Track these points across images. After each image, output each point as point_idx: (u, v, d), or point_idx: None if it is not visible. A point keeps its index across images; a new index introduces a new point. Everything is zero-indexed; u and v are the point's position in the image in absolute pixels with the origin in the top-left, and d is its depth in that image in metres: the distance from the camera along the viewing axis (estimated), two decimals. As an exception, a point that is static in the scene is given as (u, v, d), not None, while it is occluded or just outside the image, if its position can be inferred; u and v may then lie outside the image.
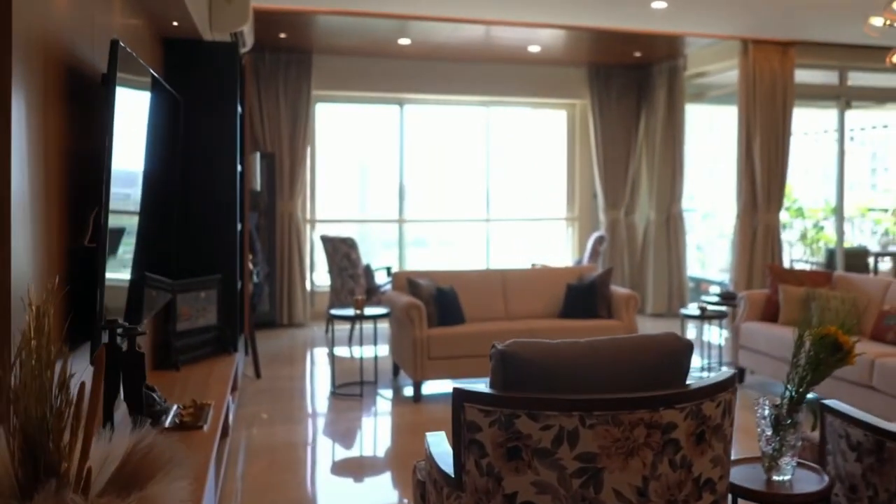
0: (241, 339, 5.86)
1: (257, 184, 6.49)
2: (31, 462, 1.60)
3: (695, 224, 10.68)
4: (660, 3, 6.75)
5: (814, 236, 11.15)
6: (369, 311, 6.16)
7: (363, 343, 6.55)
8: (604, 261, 9.14)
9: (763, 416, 2.86)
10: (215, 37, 5.76)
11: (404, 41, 8.51)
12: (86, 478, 1.65)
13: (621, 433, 2.17)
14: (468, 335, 5.95)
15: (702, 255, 11.27)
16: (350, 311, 6.10)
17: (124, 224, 3.56)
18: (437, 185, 10.37)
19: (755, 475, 2.77)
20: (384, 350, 6.82)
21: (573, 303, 6.46)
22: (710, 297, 7.02)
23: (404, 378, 6.30)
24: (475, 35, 8.22)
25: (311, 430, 5.43)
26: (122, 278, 3.44)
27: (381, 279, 8.34)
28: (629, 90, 9.89)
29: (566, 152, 10.51)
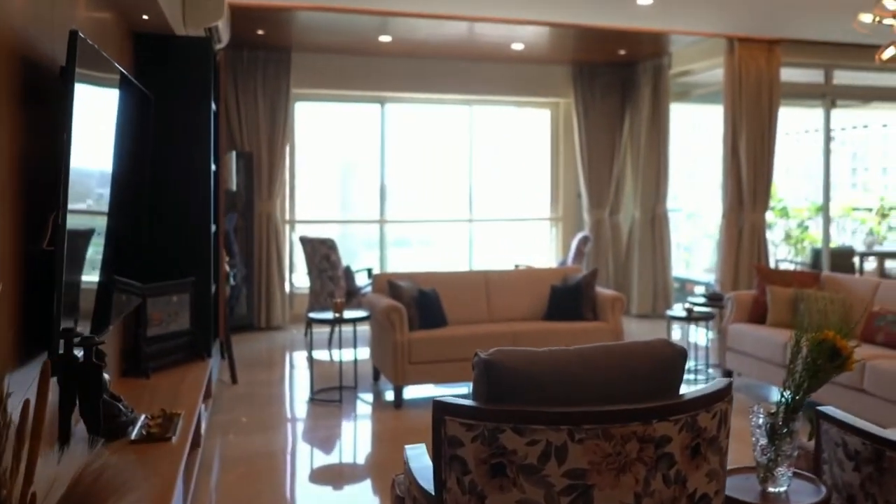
0: (217, 343, 5.69)
1: (233, 183, 6.32)
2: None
3: (679, 224, 10.60)
4: (645, 0, 6.64)
5: (798, 236, 11.11)
6: (349, 314, 6.01)
7: (343, 346, 6.38)
8: (588, 261, 9.02)
9: (758, 424, 2.74)
10: (189, 32, 5.59)
11: (385, 38, 8.36)
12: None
13: (612, 448, 2.05)
14: (450, 339, 5.81)
15: (687, 255, 11.20)
16: (329, 315, 5.94)
17: (91, 225, 3.41)
18: (419, 185, 10.23)
19: (749, 486, 2.66)
20: (365, 353, 6.66)
21: (558, 305, 6.33)
22: (697, 299, 6.92)
23: (385, 382, 6.14)
24: (458, 32, 8.08)
25: (289, 437, 5.27)
26: (89, 281, 3.29)
27: (362, 281, 8.19)
28: (613, 89, 9.78)
29: (550, 151, 10.39)
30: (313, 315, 6.12)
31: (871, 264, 10.09)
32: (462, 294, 6.33)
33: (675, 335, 7.93)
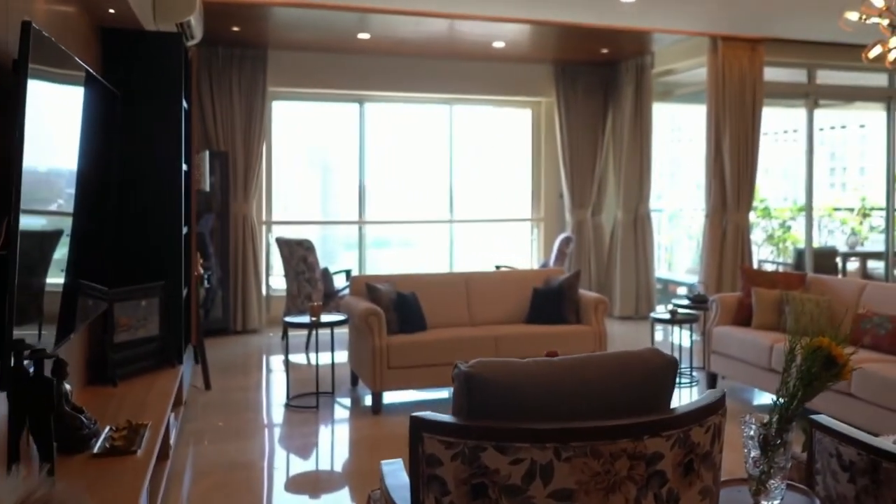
0: (189, 349, 5.52)
1: (206, 184, 6.14)
2: None
3: (661, 224, 10.53)
4: (628, -3, 6.55)
5: (780, 236, 11.06)
6: (326, 317, 5.86)
7: (321, 350, 6.22)
8: (570, 263, 8.91)
9: (750, 435, 2.62)
10: (160, 27, 5.42)
11: (364, 36, 8.21)
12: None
13: (601, 466, 1.93)
14: (430, 343, 5.67)
15: (669, 255, 11.13)
16: (306, 319, 5.78)
17: (54, 227, 3.27)
18: (398, 185, 10.08)
19: (741, 500, 2.56)
20: (343, 356, 6.50)
21: (540, 307, 6.21)
22: (681, 301, 6.82)
23: (363, 388, 5.98)
24: (438, 30, 7.94)
25: (264, 445, 5.10)
26: (53, 285, 3.13)
27: (341, 282, 8.03)
28: (595, 88, 9.68)
29: (531, 151, 10.28)
30: (289, 319, 5.95)
31: (853, 265, 10.06)
32: (442, 297, 6.19)
33: (659, 337, 7.84)
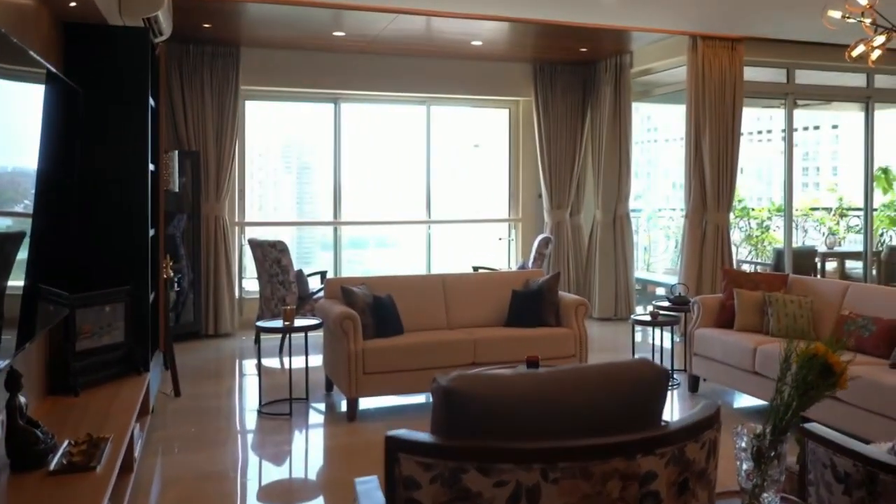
0: (157, 355, 5.33)
1: (176, 184, 5.94)
2: None
3: (639, 225, 10.45)
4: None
5: (759, 236, 11.03)
6: (300, 322, 5.69)
7: (294, 354, 6.05)
8: (549, 264, 8.80)
9: (742, 447, 2.49)
10: (126, 22, 5.22)
11: (339, 34, 8.04)
12: None
13: (591, 488, 1.80)
14: (407, 347, 5.52)
15: (647, 256, 11.06)
16: (279, 323, 5.61)
17: (11, 229, 3.10)
18: (375, 185, 9.91)
19: (734, 515, 2.43)
20: (317, 360, 6.32)
21: (519, 310, 6.08)
22: (662, 302, 6.72)
23: (339, 393, 5.81)
24: (415, 27, 7.79)
25: (235, 454, 4.92)
26: (12, 288, 2.97)
27: (316, 284, 7.86)
28: (574, 87, 9.58)
29: (509, 151, 10.16)
30: (262, 324, 5.77)
31: (831, 265, 10.05)
32: (419, 300, 6.04)
33: (638, 339, 7.73)
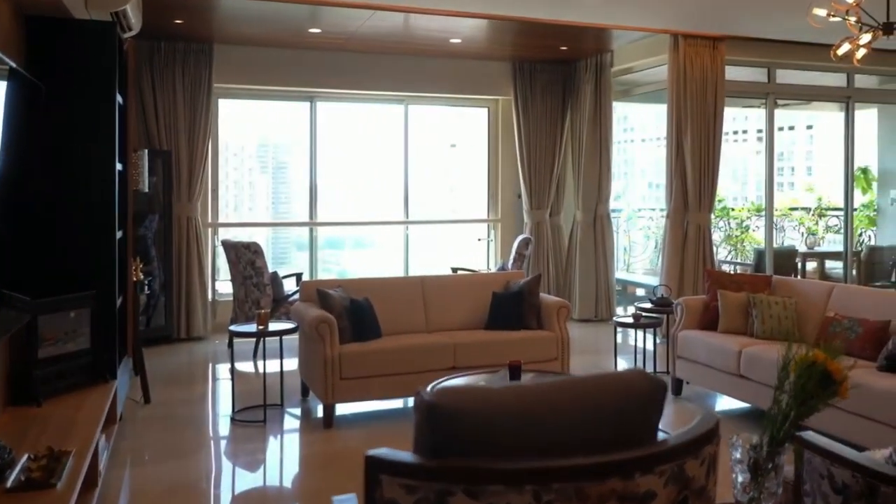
0: (126, 361, 5.14)
1: (145, 184, 5.75)
2: None
3: (619, 225, 10.38)
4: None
5: (738, 237, 11.00)
6: (275, 326, 5.52)
7: (269, 357, 5.87)
8: (529, 265, 8.68)
9: (738, 459, 2.38)
10: (92, 16, 5.02)
11: (315, 30, 7.87)
12: None
13: (587, 511, 1.65)
14: (385, 352, 5.37)
15: (627, 256, 11.00)
16: (253, 327, 5.43)
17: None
18: (352, 185, 9.75)
19: (729, 529, 2.32)
20: (293, 363, 6.15)
21: (500, 312, 5.95)
22: (644, 304, 6.62)
23: (315, 398, 5.64)
24: (392, 24, 7.64)
25: (207, 463, 4.75)
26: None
27: (291, 286, 7.68)
28: (554, 86, 9.47)
29: (488, 151, 10.03)
30: (235, 328, 5.59)
31: (811, 265, 10.02)
32: (397, 302, 5.90)
33: (619, 340, 7.64)
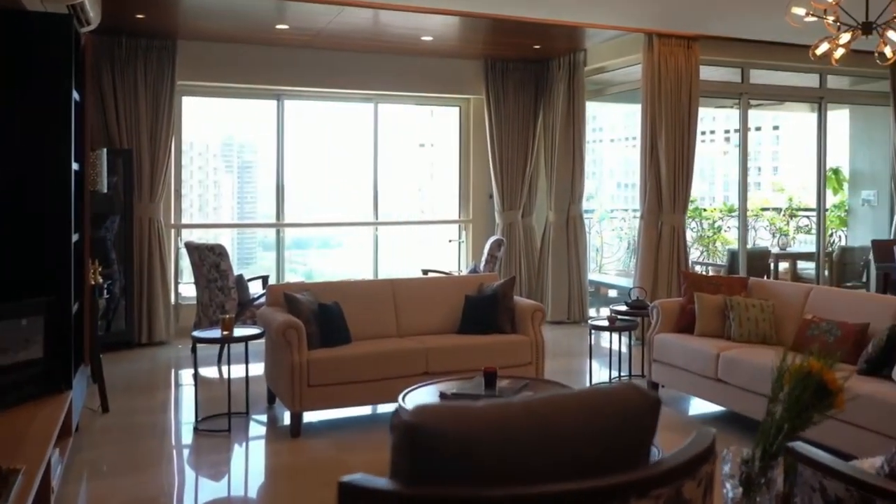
0: (83, 370, 4.91)
1: (104, 184, 5.52)
2: None
3: (591, 225, 10.30)
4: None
5: (711, 237, 10.99)
6: (240, 331, 5.32)
7: (234, 362, 5.67)
8: (501, 266, 8.55)
9: (729, 474, 2.25)
10: (48, 8, 4.79)
11: (282, 27, 7.68)
12: None
13: (580, 541, 1.51)
14: (355, 358, 5.19)
15: (599, 257, 10.94)
16: (217, 333, 5.23)
17: None
18: (320, 186, 9.56)
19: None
20: (259, 368, 5.94)
21: (473, 316, 5.80)
22: (619, 306, 6.52)
23: (282, 406, 5.45)
24: (362, 21, 7.46)
25: (169, 476, 4.54)
26: None
27: (257, 289, 7.46)
28: (526, 85, 9.34)
29: (459, 151, 9.89)
30: (198, 334, 5.38)
31: (783, 265, 10.03)
32: (367, 306, 5.72)
33: (594, 342, 7.54)
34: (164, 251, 7.88)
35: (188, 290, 8.19)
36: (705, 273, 9.83)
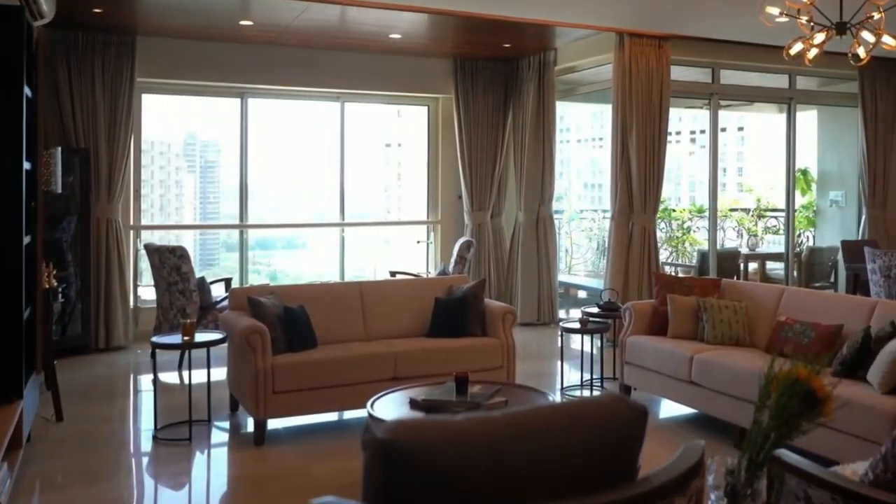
0: (35, 378, 4.70)
1: (58, 185, 5.31)
2: None
3: (560, 226, 10.24)
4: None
5: (680, 238, 10.98)
6: (201, 336, 5.14)
7: (195, 367, 5.47)
8: (471, 268, 8.43)
9: (713, 485, 2.15)
10: (-3, -1, 4.58)
11: (246, 23, 7.48)
12: None
13: (568, 567, 1.39)
14: (321, 363, 5.03)
15: (569, 258, 10.88)
16: (177, 338, 5.04)
17: None
18: (285, 186, 9.37)
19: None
20: (221, 373, 5.75)
21: (443, 319, 5.67)
22: (591, 308, 6.43)
23: (245, 413, 5.27)
24: (329, 18, 7.30)
25: (127, 488, 4.35)
26: None
27: (220, 292, 7.26)
28: (496, 84, 9.24)
29: (427, 150, 9.75)
30: (158, 339, 5.18)
31: (752, 265, 10.04)
32: (334, 309, 5.56)
33: (566, 343, 7.45)
34: (123, 253, 7.64)
35: (148, 293, 7.94)
36: (675, 274, 9.81)
